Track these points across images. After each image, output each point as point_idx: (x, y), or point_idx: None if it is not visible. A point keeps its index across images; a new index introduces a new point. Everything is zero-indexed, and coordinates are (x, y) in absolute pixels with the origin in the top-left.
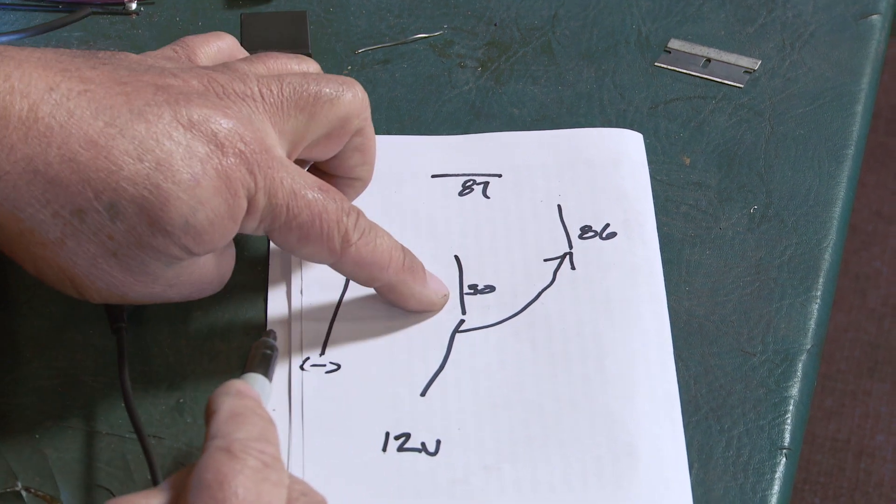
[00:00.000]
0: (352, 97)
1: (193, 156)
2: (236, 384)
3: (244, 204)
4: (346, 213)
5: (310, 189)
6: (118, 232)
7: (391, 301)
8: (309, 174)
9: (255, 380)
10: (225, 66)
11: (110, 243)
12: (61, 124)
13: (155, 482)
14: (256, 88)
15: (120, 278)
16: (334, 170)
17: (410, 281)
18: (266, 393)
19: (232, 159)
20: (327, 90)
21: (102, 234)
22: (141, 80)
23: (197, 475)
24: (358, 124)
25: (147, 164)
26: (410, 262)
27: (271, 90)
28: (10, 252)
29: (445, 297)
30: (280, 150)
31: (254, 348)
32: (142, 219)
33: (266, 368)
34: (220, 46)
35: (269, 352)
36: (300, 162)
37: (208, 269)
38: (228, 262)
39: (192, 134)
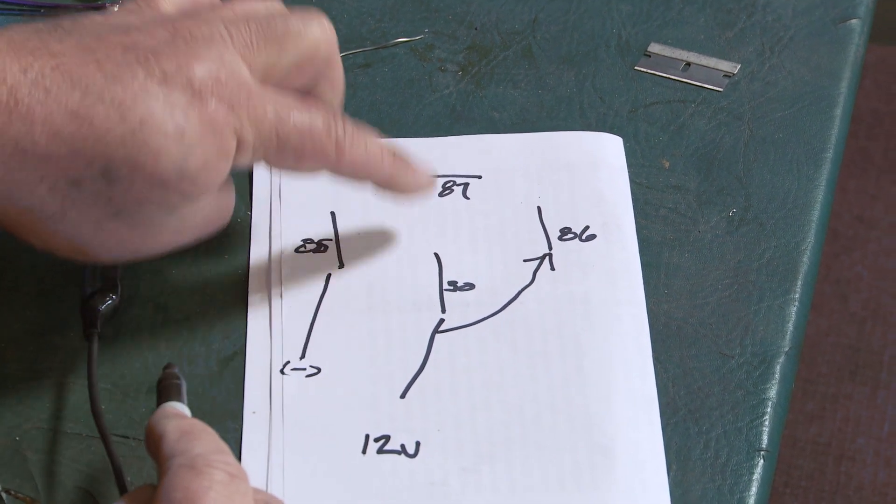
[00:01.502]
0: (319, 28)
1: (174, 107)
2: (171, 407)
3: (233, 143)
4: (334, 123)
5: (294, 110)
6: (117, 193)
7: (389, 194)
8: (289, 94)
9: (176, 407)
10: (189, 15)
11: (111, 206)
12: (41, 102)
13: (121, 488)
14: (224, 29)
15: (127, 235)
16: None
17: (403, 171)
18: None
19: (212, 103)
20: (295, 24)
21: (102, 199)
22: (108, 43)
23: (165, 496)
24: (326, 53)
25: (131, 123)
26: (400, 154)
27: (239, 29)
28: (16, 232)
29: (433, 179)
30: (255, 82)
31: (163, 381)
32: (137, 176)
33: (180, 396)
34: None
35: (177, 381)
36: None
37: (210, 207)
38: (228, 198)
39: (169, 87)
